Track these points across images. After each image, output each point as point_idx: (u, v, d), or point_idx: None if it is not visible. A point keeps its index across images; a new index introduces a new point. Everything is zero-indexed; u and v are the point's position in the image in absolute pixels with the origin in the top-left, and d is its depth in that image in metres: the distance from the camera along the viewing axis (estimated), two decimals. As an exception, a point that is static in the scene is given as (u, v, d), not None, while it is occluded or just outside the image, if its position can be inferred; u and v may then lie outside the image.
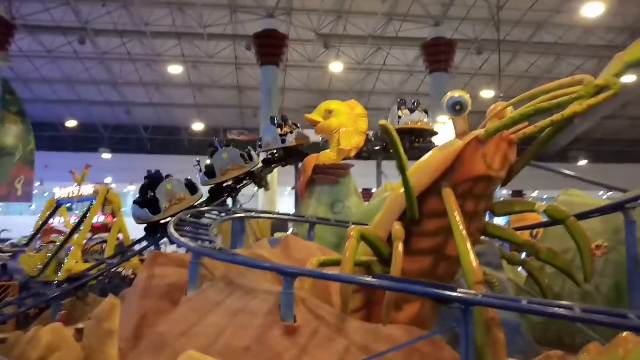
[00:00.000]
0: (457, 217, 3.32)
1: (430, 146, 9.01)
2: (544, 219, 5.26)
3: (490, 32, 20.16)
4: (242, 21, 22.24)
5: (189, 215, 5.74)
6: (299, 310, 3.14)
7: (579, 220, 4.04)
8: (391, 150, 3.85)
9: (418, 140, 8.86)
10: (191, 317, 3.40)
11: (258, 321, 3.14)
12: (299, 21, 21.95)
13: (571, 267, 4.16)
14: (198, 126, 30.62)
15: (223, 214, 6.06)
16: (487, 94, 21.68)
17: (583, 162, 30.45)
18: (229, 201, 7.99)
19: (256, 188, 8.54)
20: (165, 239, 6.66)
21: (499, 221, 8.84)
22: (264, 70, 20.64)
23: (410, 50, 23.52)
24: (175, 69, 24.91)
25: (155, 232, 6.82)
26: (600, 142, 31.88)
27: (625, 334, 1.91)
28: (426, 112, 8.87)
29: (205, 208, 6.58)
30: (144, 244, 7.11)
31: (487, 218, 3.99)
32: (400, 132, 9.48)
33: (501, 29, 17.56)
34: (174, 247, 8.46)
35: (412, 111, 8.70)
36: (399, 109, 8.71)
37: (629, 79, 18.70)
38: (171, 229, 4.43)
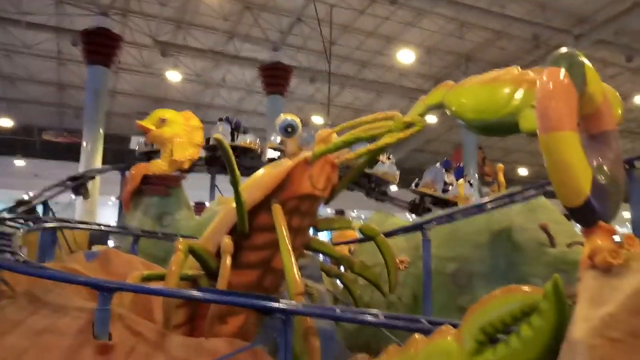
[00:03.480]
0: (284, 232, 3.46)
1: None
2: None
3: (322, 64, 21.56)
4: (69, 14, 20.12)
5: (-14, 224, 4.92)
6: (116, 328, 2.91)
7: (387, 238, 4.52)
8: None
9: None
10: (-18, 340, 2.90)
11: (66, 341, 2.82)
12: (135, 24, 20.69)
13: (379, 279, 4.61)
14: (6, 122, 26.56)
15: (30, 223, 5.33)
16: (317, 119, 23.02)
17: (394, 188, 34.07)
18: (39, 208, 7.07)
19: (73, 195, 7.73)
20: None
21: (323, 236, 9.39)
22: (91, 69, 18.90)
23: (249, 70, 23.87)
24: (-19, 56, 21.35)
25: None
26: (409, 171, 36.06)
27: (416, 335, 2.19)
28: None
29: (8, 215, 5.72)
30: None
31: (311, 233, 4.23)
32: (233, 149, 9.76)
33: (332, 62, 18.93)
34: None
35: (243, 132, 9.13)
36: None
37: (431, 119, 21.67)
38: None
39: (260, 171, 3.87)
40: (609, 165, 2.32)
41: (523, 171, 32.13)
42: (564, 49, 2.26)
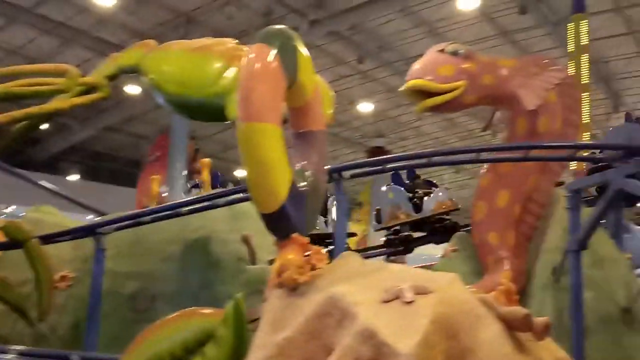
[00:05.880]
0: None
1: None
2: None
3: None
4: None
5: None
6: None
7: (46, 244, 4.22)
8: None
9: None
10: None
11: None
12: None
13: (26, 302, 4.28)
14: None
15: None
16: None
17: (75, 177, 32.15)
18: None
19: None
20: None
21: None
22: None
23: None
24: None
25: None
26: (98, 157, 34.57)
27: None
28: None
29: None
30: None
31: None
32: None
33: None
34: None
35: None
36: None
37: (134, 89, 21.32)
38: None
39: None
40: (312, 170, 2.64)
41: (241, 172, 34.57)
42: (277, 27, 2.48)
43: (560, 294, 4.87)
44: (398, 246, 8.25)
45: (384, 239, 8.66)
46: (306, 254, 2.24)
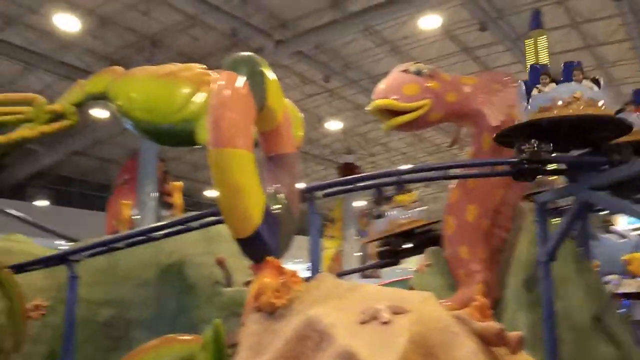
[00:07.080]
0: None
1: None
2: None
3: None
4: None
5: None
6: None
7: (19, 273, 4.14)
8: None
9: None
10: None
11: None
12: None
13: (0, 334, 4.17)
14: None
15: None
16: None
17: (44, 203, 31.45)
18: None
19: None
20: None
21: None
22: None
23: None
24: None
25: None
26: (66, 181, 33.95)
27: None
28: None
29: None
30: None
31: None
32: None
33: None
34: None
35: None
36: None
37: (101, 113, 21.06)
38: None
39: None
40: (285, 193, 2.66)
41: (211, 193, 34.28)
42: (244, 53, 2.50)
43: (533, 305, 4.94)
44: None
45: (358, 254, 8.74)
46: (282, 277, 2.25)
